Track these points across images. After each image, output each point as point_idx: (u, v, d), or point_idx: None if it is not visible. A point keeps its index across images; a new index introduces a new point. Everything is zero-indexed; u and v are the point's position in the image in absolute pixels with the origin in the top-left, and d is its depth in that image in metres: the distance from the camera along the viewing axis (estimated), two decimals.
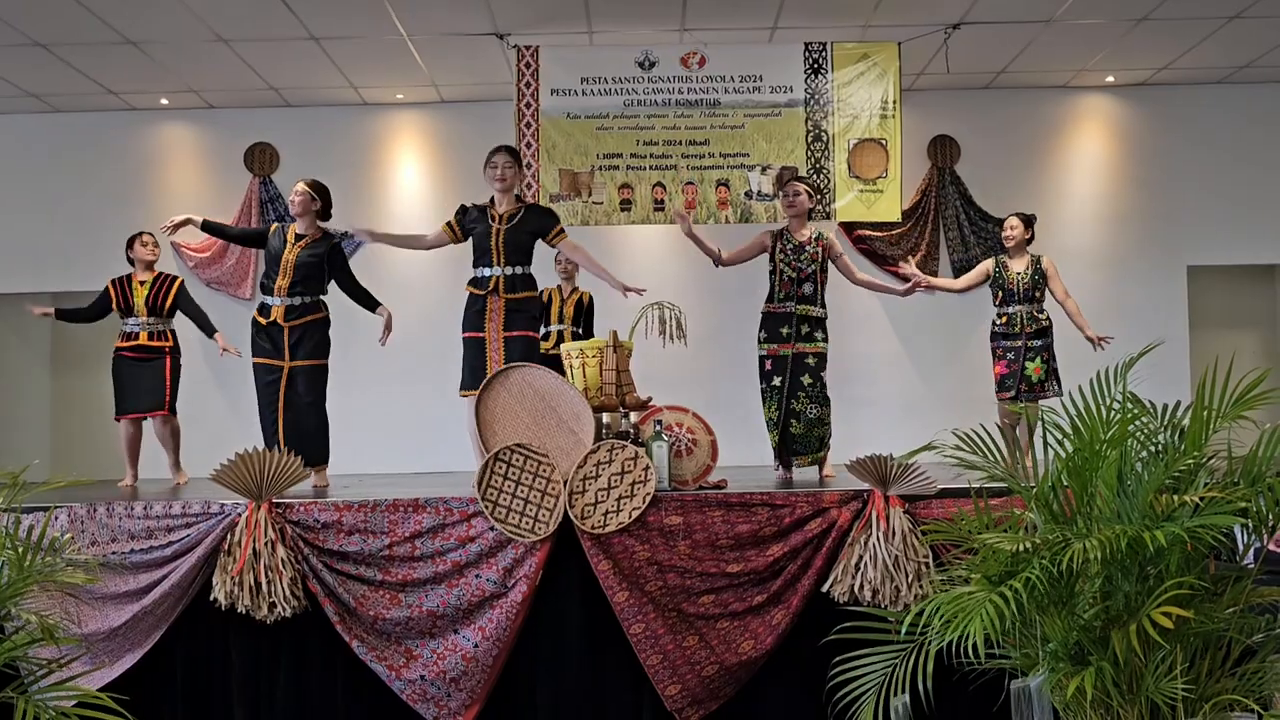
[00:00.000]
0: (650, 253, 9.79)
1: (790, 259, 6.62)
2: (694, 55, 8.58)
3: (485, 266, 6.28)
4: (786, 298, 6.61)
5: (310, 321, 6.56)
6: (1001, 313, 7.40)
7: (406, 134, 10.07)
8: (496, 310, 6.21)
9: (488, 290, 6.22)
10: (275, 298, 6.51)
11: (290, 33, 8.25)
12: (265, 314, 6.53)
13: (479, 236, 6.30)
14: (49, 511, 5.05)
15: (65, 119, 9.93)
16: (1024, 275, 7.36)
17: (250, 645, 5.19)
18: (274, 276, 6.53)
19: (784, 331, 6.56)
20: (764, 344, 6.64)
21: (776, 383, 6.55)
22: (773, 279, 6.68)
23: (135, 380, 7.50)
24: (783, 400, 6.52)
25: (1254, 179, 9.82)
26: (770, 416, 6.59)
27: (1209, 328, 10.01)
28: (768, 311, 6.68)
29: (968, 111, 9.90)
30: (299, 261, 6.53)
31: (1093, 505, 3.88)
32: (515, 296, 6.23)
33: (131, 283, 7.61)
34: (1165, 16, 8.26)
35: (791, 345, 6.54)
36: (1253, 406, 3.93)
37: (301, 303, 6.54)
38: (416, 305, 9.46)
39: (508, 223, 6.27)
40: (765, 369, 6.62)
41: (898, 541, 4.88)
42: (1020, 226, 7.44)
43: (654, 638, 4.97)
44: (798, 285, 6.60)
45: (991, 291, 7.48)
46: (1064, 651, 3.82)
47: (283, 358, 6.48)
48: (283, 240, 6.61)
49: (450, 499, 5.17)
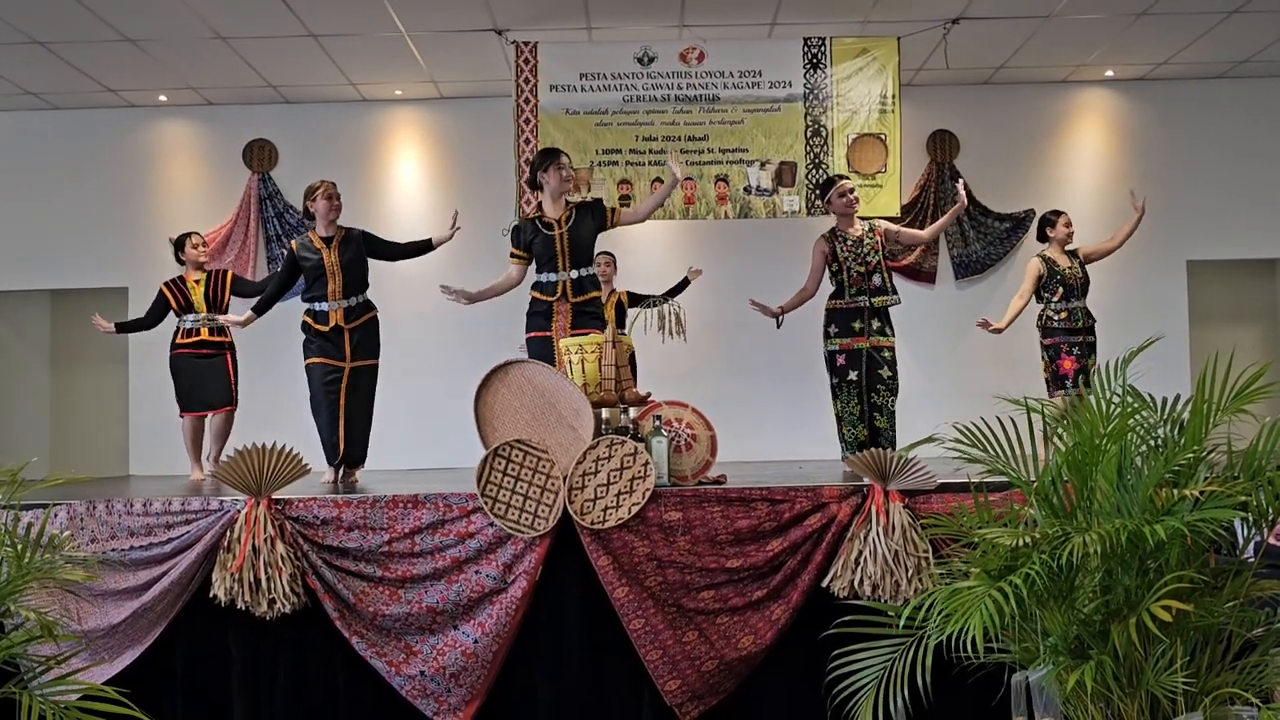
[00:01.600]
0: (651, 248, 9.79)
1: (853, 254, 6.66)
2: (693, 51, 8.57)
3: (550, 272, 6.36)
4: (859, 292, 6.65)
5: (368, 320, 6.69)
6: (1062, 308, 7.37)
7: (405, 130, 10.07)
8: (563, 314, 6.31)
9: (555, 296, 6.31)
10: (329, 302, 6.55)
11: (289, 30, 8.25)
12: (323, 320, 6.56)
13: (542, 245, 6.37)
14: (48, 509, 5.05)
15: (64, 116, 9.93)
16: (1076, 270, 7.42)
17: (250, 642, 5.19)
18: (323, 285, 6.57)
19: (856, 326, 6.60)
20: (835, 339, 6.67)
21: (853, 377, 6.59)
22: (839, 278, 6.71)
23: (199, 377, 7.57)
24: (862, 394, 6.55)
25: (1253, 174, 9.82)
26: (851, 411, 6.63)
27: (1209, 322, 10.02)
28: (837, 308, 6.70)
29: (967, 106, 9.90)
30: (344, 263, 6.59)
31: (1093, 499, 3.87)
32: (582, 299, 6.34)
33: (186, 282, 7.67)
34: (1164, 11, 8.26)
35: (866, 339, 6.58)
36: (1253, 400, 3.92)
37: (357, 302, 6.64)
38: (418, 304, 9.47)
39: (566, 225, 6.33)
40: (838, 364, 6.65)
41: (897, 536, 4.88)
42: (1072, 224, 7.53)
43: (654, 633, 4.97)
44: (867, 279, 6.66)
45: (1049, 289, 7.42)
46: (1064, 645, 3.82)
47: (344, 358, 6.54)
48: (314, 250, 6.62)
49: (450, 495, 5.17)
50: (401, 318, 9.46)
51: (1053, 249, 7.51)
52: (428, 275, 9.48)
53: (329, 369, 6.52)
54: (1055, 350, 7.40)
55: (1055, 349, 7.40)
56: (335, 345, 6.55)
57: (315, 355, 6.57)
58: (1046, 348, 7.46)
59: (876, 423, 6.59)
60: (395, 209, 9.80)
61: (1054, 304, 7.40)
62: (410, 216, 9.56)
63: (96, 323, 7.66)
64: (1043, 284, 7.43)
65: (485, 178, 9.45)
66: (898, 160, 8.59)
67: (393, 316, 9.14)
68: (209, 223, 9.78)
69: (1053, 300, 7.41)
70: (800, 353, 9.57)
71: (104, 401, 10.21)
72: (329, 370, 6.52)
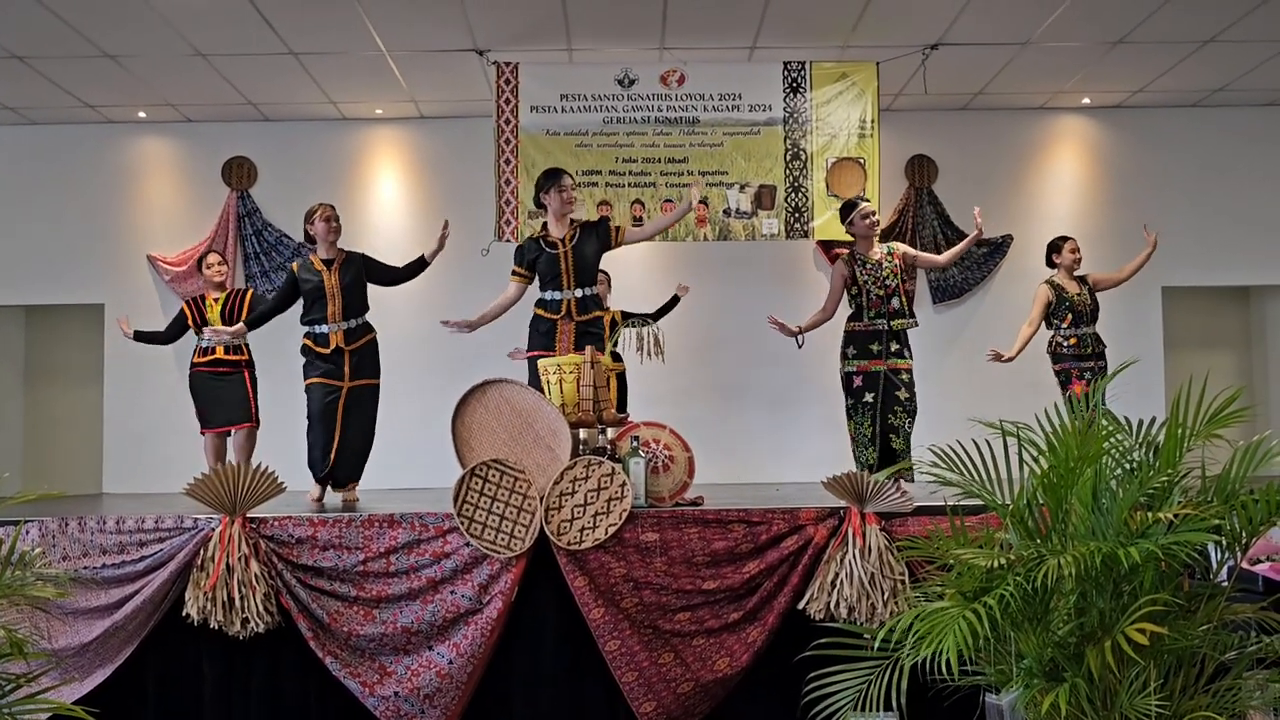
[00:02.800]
0: (630, 270, 9.78)
1: (873, 277, 6.68)
2: (673, 73, 8.60)
3: (555, 290, 6.40)
4: (878, 315, 6.67)
5: (369, 342, 6.69)
6: (1071, 334, 7.41)
7: (385, 149, 10.06)
8: (567, 333, 6.32)
9: (560, 315, 6.33)
10: (330, 324, 6.55)
11: (269, 48, 8.23)
12: (323, 343, 6.55)
13: (546, 264, 6.41)
14: (19, 525, 5.00)
15: (41, 131, 9.88)
16: (1084, 297, 7.48)
17: (223, 661, 5.15)
18: (323, 307, 6.56)
19: (874, 348, 6.62)
20: (853, 360, 6.68)
21: (869, 399, 6.60)
22: (858, 300, 6.73)
23: (217, 395, 7.56)
24: (876, 416, 6.57)
25: (1228, 201, 9.90)
26: (864, 433, 6.64)
27: (1183, 348, 10.08)
28: (856, 330, 6.72)
29: (945, 131, 9.96)
30: (344, 285, 6.59)
31: (1067, 522, 3.88)
32: (586, 318, 6.37)
33: (205, 300, 7.68)
34: (1141, 40, 8.33)
35: (884, 361, 6.59)
36: (1226, 425, 3.95)
37: (356, 324, 6.64)
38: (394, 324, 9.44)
39: (570, 244, 6.35)
40: (854, 385, 6.65)
41: (874, 559, 4.88)
42: (1079, 250, 7.60)
43: (630, 655, 4.96)
44: (886, 301, 6.68)
45: (1059, 315, 7.45)
46: (1038, 668, 3.82)
47: (343, 378, 6.53)
48: (315, 272, 6.62)
49: (425, 514, 5.15)
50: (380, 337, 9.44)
51: (1061, 275, 7.55)
52: (403, 296, 9.48)
53: (329, 388, 6.49)
54: (1066, 376, 7.42)
55: (1065, 374, 7.43)
56: (336, 366, 6.53)
57: (316, 375, 6.55)
58: (1057, 373, 7.48)
59: (892, 444, 6.58)
60: (375, 228, 9.77)
61: (1063, 330, 7.44)
62: (390, 236, 9.54)
63: (120, 324, 7.73)
64: (1051, 310, 7.47)
65: (465, 198, 9.44)
66: (876, 184, 8.62)
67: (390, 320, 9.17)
68: (187, 240, 9.75)
69: (1062, 326, 7.44)
70: (780, 376, 9.62)
71: (78, 419, 10.13)
72: (328, 390, 6.49)
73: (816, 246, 9.62)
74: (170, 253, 9.76)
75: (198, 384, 7.62)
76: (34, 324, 10.31)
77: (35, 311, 10.24)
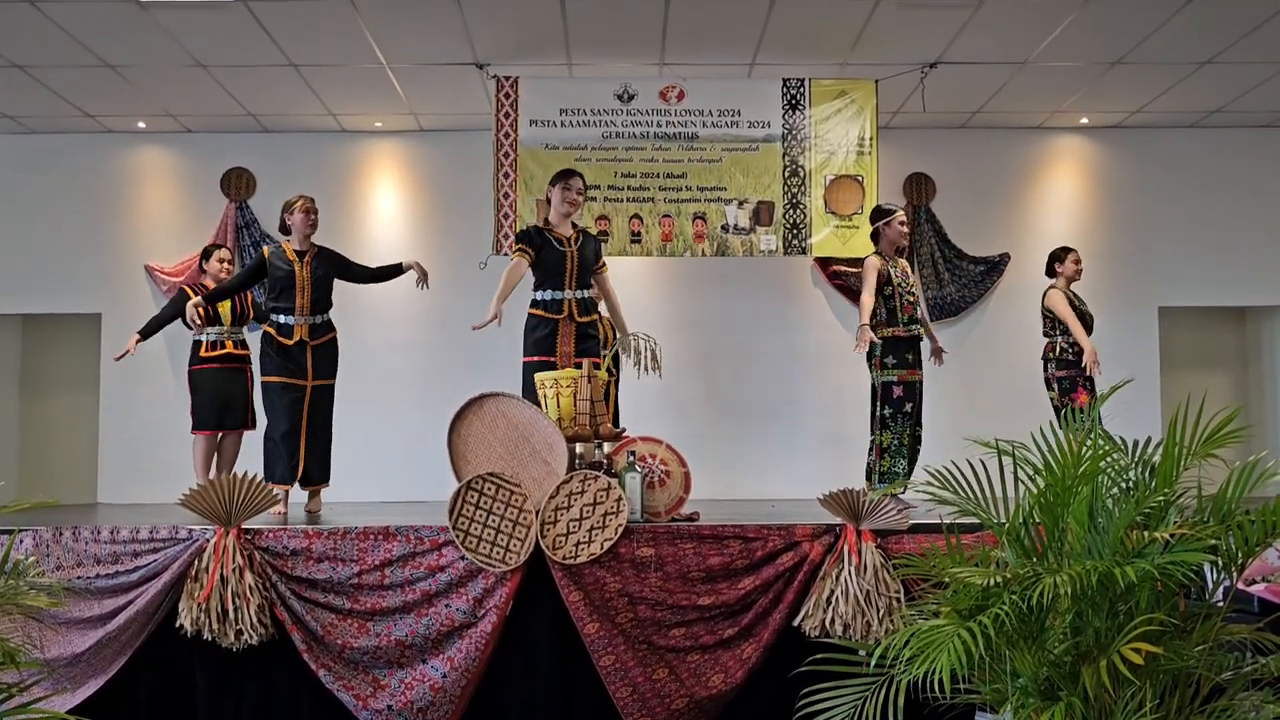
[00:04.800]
0: (627, 284, 9.78)
1: (903, 286, 6.71)
2: (673, 89, 8.62)
3: (556, 290, 6.32)
4: (910, 321, 6.71)
5: (330, 340, 6.66)
6: (1077, 343, 7.45)
7: (384, 162, 10.06)
8: (568, 335, 6.26)
9: (561, 315, 6.27)
10: (296, 316, 6.51)
11: (269, 59, 8.24)
12: (287, 334, 6.49)
13: (551, 260, 6.31)
14: (13, 534, 4.99)
15: (40, 140, 9.88)
16: (1084, 307, 7.58)
17: (216, 672, 5.14)
18: (290, 297, 6.52)
19: (909, 357, 6.67)
20: (892, 370, 6.67)
21: (909, 409, 6.60)
22: (892, 304, 6.75)
23: (223, 395, 7.33)
24: (909, 426, 6.58)
25: (1225, 222, 9.92)
26: (901, 443, 6.63)
27: (1179, 368, 10.09)
28: (894, 336, 6.71)
29: (943, 150, 9.98)
30: (314, 278, 6.57)
31: (1064, 541, 3.88)
32: (585, 320, 6.33)
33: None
34: (1139, 61, 8.36)
35: (918, 372, 6.63)
36: (1222, 445, 3.95)
37: (321, 320, 6.62)
38: (392, 335, 9.47)
39: (575, 245, 6.33)
40: (895, 395, 6.64)
41: (869, 576, 4.88)
42: (1081, 261, 7.68)
43: (624, 670, 4.95)
44: (915, 310, 6.73)
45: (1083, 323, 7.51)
46: (1034, 687, 3.81)
47: (305, 377, 6.50)
48: (288, 261, 6.59)
49: (421, 527, 5.15)
50: (376, 349, 9.46)
51: (1062, 285, 7.60)
52: (400, 307, 9.50)
53: (292, 389, 6.45)
54: (1071, 383, 7.43)
55: (1071, 381, 7.44)
56: (297, 363, 6.48)
57: (275, 373, 6.47)
58: (1060, 379, 7.48)
59: (917, 453, 6.64)
60: (373, 240, 9.77)
61: (1069, 338, 7.47)
62: (388, 248, 9.53)
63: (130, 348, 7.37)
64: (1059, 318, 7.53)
65: (464, 211, 9.46)
66: (874, 202, 8.64)
67: (369, 348, 9.17)
68: (185, 250, 9.74)
69: (1068, 334, 7.48)
70: (776, 392, 9.62)
71: (74, 428, 10.11)
72: (290, 389, 6.45)
73: (814, 263, 9.63)
74: (168, 263, 9.75)
75: (203, 380, 7.36)
76: (30, 333, 10.29)
77: (32, 320, 10.23)
